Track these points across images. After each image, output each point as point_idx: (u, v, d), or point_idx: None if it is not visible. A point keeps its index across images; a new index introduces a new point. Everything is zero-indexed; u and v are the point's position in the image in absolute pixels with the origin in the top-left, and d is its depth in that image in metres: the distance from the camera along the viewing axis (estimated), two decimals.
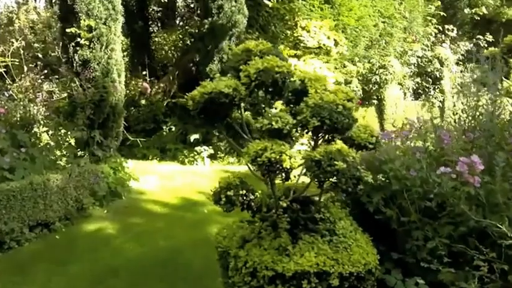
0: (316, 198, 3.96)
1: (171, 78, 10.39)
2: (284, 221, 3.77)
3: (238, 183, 3.68)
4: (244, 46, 3.95)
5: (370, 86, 12.29)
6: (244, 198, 3.63)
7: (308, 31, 9.54)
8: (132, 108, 10.27)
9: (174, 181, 8.43)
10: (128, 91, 9.44)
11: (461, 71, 14.94)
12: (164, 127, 10.37)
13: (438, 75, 13.58)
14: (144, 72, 10.37)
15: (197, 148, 9.61)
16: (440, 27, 15.48)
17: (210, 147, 9.53)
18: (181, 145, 10.05)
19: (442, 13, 16.12)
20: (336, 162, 3.29)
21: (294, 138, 4.02)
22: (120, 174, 7.59)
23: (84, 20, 6.86)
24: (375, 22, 13.15)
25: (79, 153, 7.28)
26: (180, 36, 10.39)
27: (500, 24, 19.91)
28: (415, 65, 13.71)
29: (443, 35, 15.58)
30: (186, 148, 9.89)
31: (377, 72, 12.50)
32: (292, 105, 4.04)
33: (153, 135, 10.32)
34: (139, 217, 6.66)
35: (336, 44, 9.86)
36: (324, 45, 9.67)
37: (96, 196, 6.81)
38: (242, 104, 3.90)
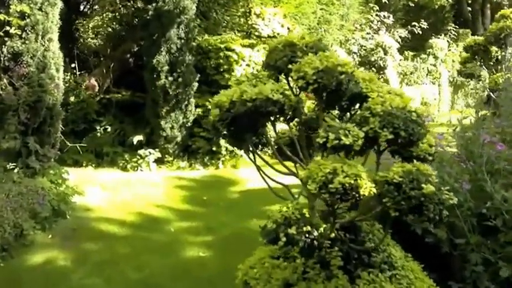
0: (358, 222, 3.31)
1: (104, 71, 9.11)
2: (336, 257, 3.06)
3: (299, 216, 2.89)
4: (286, 39, 3.23)
5: None
6: (307, 235, 2.85)
7: (263, 19, 8.78)
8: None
9: (122, 193, 7.29)
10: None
11: (405, 59, 15.03)
12: (98, 127, 9.07)
13: (382, 65, 13.43)
14: (72, 65, 8.97)
15: (141, 152, 8.48)
16: (375, 15, 15.41)
17: (156, 150, 8.44)
18: (121, 148, 8.85)
19: None
20: (423, 185, 2.66)
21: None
22: (61, 188, 6.35)
23: (16, 5, 5.54)
24: (314, 9, 12.67)
25: (9, 166, 5.94)
26: (114, 23, 9.12)
27: (432, 10, 20.45)
28: (358, 54, 13.45)
29: (379, 22, 15.53)
30: (126, 152, 8.71)
31: None
32: (343, 113, 3.31)
33: (84, 137, 8.97)
34: (94, 242, 5.54)
35: (290, 32, 9.20)
36: (278, 34, 8.96)
37: (37, 218, 5.58)
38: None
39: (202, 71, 8.61)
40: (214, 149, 8.73)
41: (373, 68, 13.54)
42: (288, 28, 9.16)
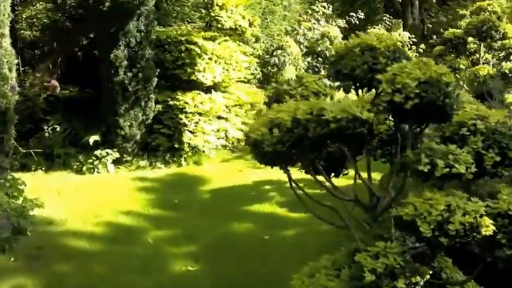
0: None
1: (50, 66, 8.33)
2: None
3: (403, 263, 2.44)
4: (364, 42, 2.76)
5: (269, 68, 11.56)
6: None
7: (226, 10, 8.35)
8: None
9: (83, 199, 6.71)
10: None
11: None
12: (46, 127, 8.31)
13: (328, 55, 13.37)
14: (15, 61, 8.08)
15: (97, 152, 7.87)
16: (317, 6, 15.32)
17: (114, 150, 7.87)
18: (74, 149, 8.17)
19: None
20: None
21: None
22: (18, 201, 5.68)
23: None
24: (259, 0, 12.39)
25: None
26: (59, 14, 8.32)
27: (365, 1, 20.67)
28: (304, 44, 13.33)
29: (319, 13, 15.46)
30: (80, 152, 8.06)
31: (275, 54, 11.80)
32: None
33: (31, 138, 8.20)
34: (64, 262, 5.03)
35: (251, 24, 8.85)
36: (239, 26, 8.59)
37: None
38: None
39: (160, 65, 8.09)
40: (176, 145, 8.29)
41: (319, 58, 13.49)
42: (249, 20, 8.82)
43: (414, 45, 19.18)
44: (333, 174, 3.46)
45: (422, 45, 19.62)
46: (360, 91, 3.03)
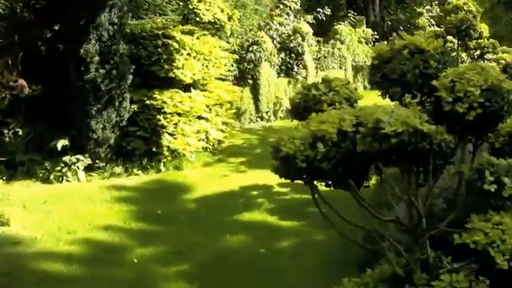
0: None
1: (10, 62, 7.46)
2: None
3: None
4: (412, 43, 2.49)
5: (245, 64, 10.97)
6: None
7: (204, 3, 7.70)
8: None
9: (54, 213, 5.95)
10: None
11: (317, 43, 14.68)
12: (5, 131, 7.45)
13: (300, 51, 12.94)
14: None
15: (66, 158, 7.09)
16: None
17: (86, 155, 7.12)
18: (39, 155, 7.35)
19: None
20: None
21: None
22: None
23: None
24: None
25: None
26: (20, 4, 7.46)
27: None
28: (277, 40, 12.82)
29: (288, 8, 15.03)
30: (47, 159, 7.25)
31: (251, 49, 11.22)
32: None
33: None
34: None
35: (229, 18, 8.24)
36: (218, 19, 7.97)
37: None
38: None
39: (134, 61, 7.37)
40: (153, 149, 7.60)
41: (292, 54, 13.07)
42: (228, 14, 8.20)
43: (377, 42, 19.13)
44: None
45: (385, 43, 19.52)
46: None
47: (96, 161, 7.27)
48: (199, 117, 8.08)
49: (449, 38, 8.87)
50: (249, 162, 8.25)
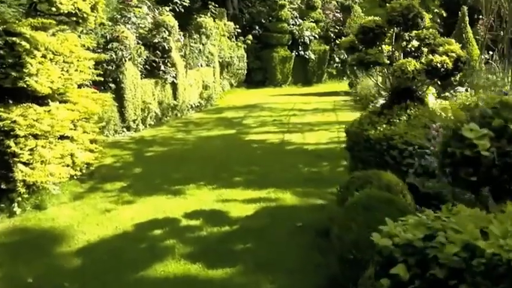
0: None
1: None
2: None
3: None
4: None
5: (104, 65, 9.15)
6: None
7: None
8: None
9: None
10: None
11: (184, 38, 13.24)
12: None
13: (167, 47, 11.41)
14: None
15: None
16: None
17: None
18: None
19: None
20: None
21: None
22: None
23: None
24: None
25: None
26: None
27: None
28: (137, 35, 11.10)
29: None
30: None
31: (109, 47, 9.43)
32: None
33: None
34: None
35: (93, 8, 6.50)
36: (79, 10, 6.19)
37: None
38: None
39: None
40: (2, 186, 5.63)
41: (157, 52, 11.48)
42: (91, 3, 6.45)
43: (241, 36, 18.42)
44: None
45: (250, 36, 18.95)
46: None
47: None
48: (62, 137, 6.26)
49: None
50: (132, 188, 6.68)
